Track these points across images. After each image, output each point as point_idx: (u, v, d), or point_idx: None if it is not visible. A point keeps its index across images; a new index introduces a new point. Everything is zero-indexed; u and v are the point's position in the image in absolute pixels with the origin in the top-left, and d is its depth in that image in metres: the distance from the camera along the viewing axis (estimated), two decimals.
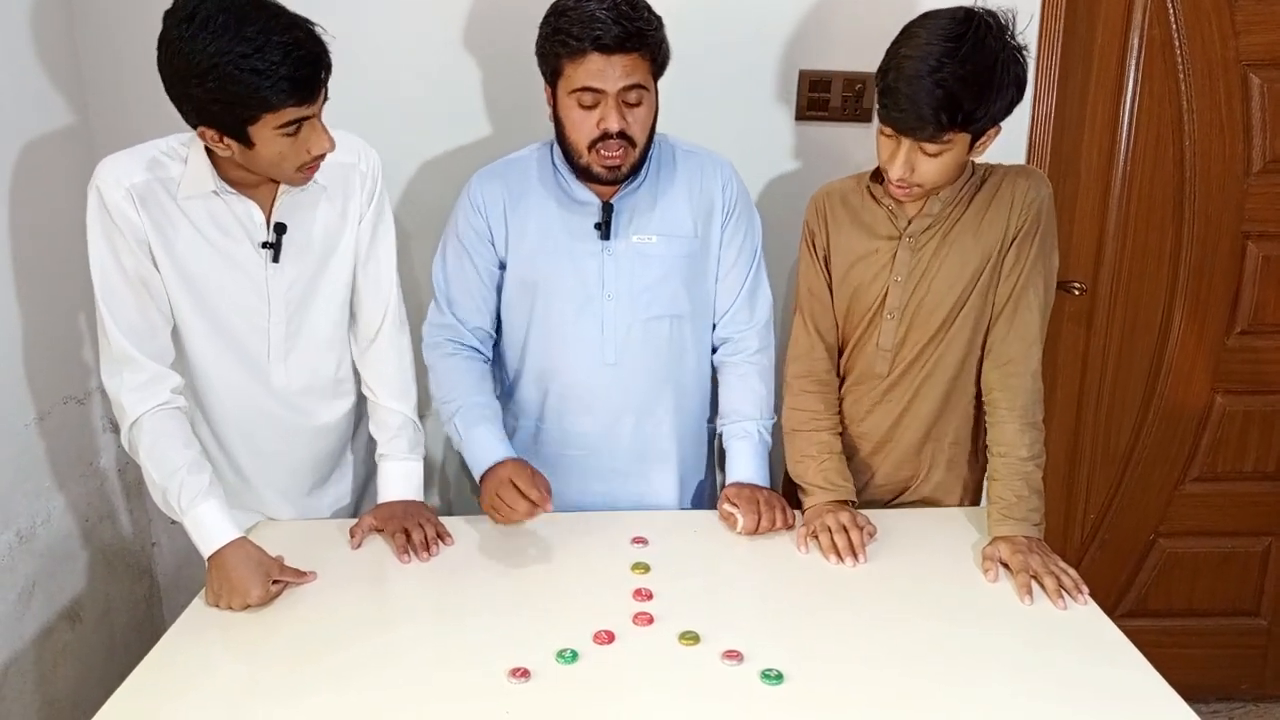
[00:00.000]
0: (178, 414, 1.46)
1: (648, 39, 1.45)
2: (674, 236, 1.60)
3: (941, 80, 1.33)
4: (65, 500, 1.82)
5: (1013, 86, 1.38)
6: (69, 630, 1.83)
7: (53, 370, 1.79)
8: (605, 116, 1.46)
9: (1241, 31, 1.99)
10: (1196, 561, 2.35)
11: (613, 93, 1.45)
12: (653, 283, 1.61)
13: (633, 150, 1.50)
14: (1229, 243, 2.13)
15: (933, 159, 1.41)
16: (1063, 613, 1.34)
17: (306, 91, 1.28)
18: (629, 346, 1.62)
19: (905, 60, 1.36)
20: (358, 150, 1.53)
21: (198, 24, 1.22)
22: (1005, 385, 1.54)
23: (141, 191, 1.39)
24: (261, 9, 1.25)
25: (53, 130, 1.80)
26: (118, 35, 1.87)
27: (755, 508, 1.54)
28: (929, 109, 1.34)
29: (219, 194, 1.42)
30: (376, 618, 1.36)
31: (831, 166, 1.99)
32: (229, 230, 1.45)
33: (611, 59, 1.43)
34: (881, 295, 1.57)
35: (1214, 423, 2.25)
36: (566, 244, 1.59)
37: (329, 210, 1.51)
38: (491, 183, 1.62)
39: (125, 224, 1.39)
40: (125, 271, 1.41)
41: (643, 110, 1.49)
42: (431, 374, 1.66)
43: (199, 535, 1.40)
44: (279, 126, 1.29)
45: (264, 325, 1.51)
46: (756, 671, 1.20)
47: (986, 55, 1.34)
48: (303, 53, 1.26)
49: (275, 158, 1.34)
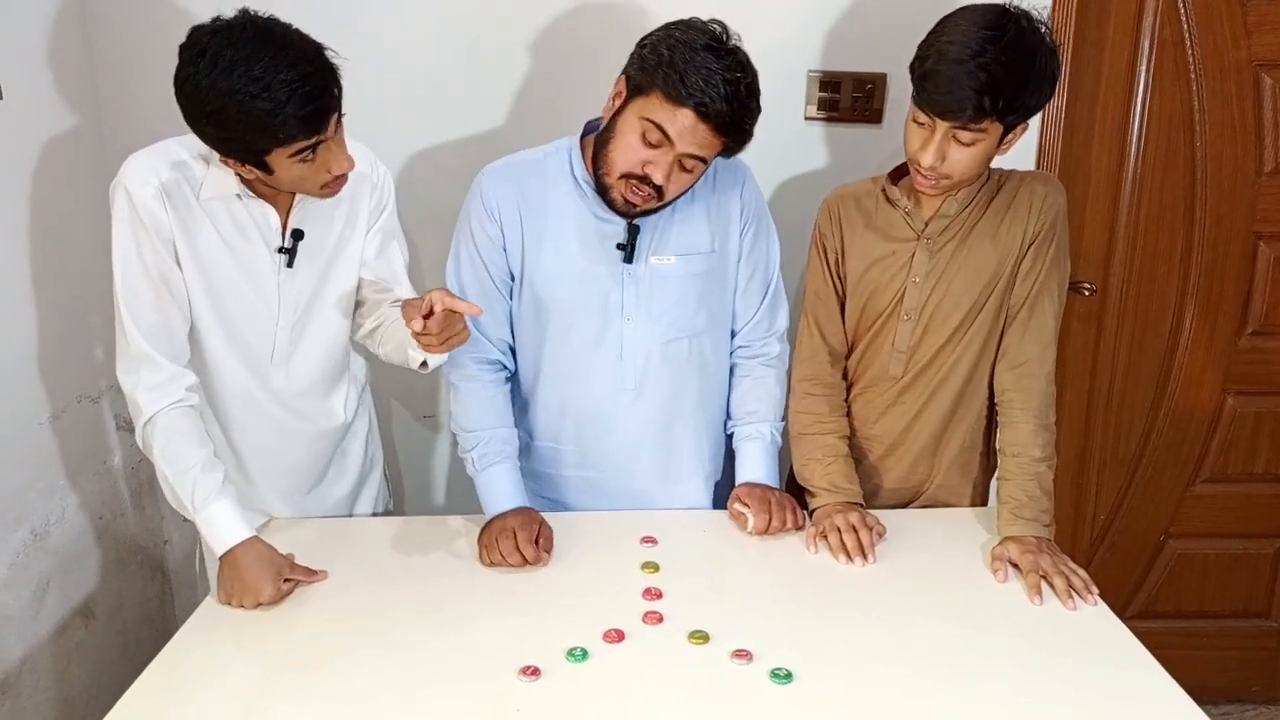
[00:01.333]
0: (192, 412, 1.47)
1: (742, 131, 1.41)
2: (691, 255, 1.56)
3: (985, 64, 1.34)
4: (79, 498, 1.84)
5: (1049, 82, 1.40)
6: (83, 627, 1.84)
7: (66, 369, 1.80)
8: (657, 165, 1.40)
9: (1253, 32, 1.99)
10: (1207, 563, 2.34)
11: (679, 150, 1.39)
12: (670, 305, 1.57)
13: (658, 201, 1.46)
14: (1240, 243, 2.12)
15: (965, 148, 1.42)
16: (1072, 613, 1.34)
17: (314, 125, 1.29)
18: (648, 371, 1.59)
19: (948, 45, 1.37)
20: (370, 160, 1.55)
21: (207, 61, 1.23)
22: (1020, 386, 1.54)
23: (169, 188, 1.40)
24: (268, 43, 1.25)
25: (66, 132, 1.81)
26: (131, 38, 1.88)
27: (766, 508, 1.54)
28: (971, 90, 1.35)
29: (240, 197, 1.43)
30: (387, 616, 1.37)
31: (841, 167, 2.00)
32: (247, 233, 1.46)
33: (699, 127, 1.37)
34: (898, 296, 1.57)
35: (1225, 424, 2.24)
36: (586, 265, 1.53)
37: (341, 217, 1.53)
38: (505, 185, 1.53)
39: (152, 221, 1.39)
40: (149, 270, 1.42)
41: (692, 176, 1.45)
42: (453, 394, 1.61)
43: (212, 534, 1.41)
44: (293, 155, 1.31)
45: (271, 329, 1.52)
46: (766, 671, 1.20)
47: (1027, 45, 1.37)
48: (309, 89, 1.25)
49: (296, 181, 1.37)
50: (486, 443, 1.57)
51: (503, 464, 1.57)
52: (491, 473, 1.56)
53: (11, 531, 1.66)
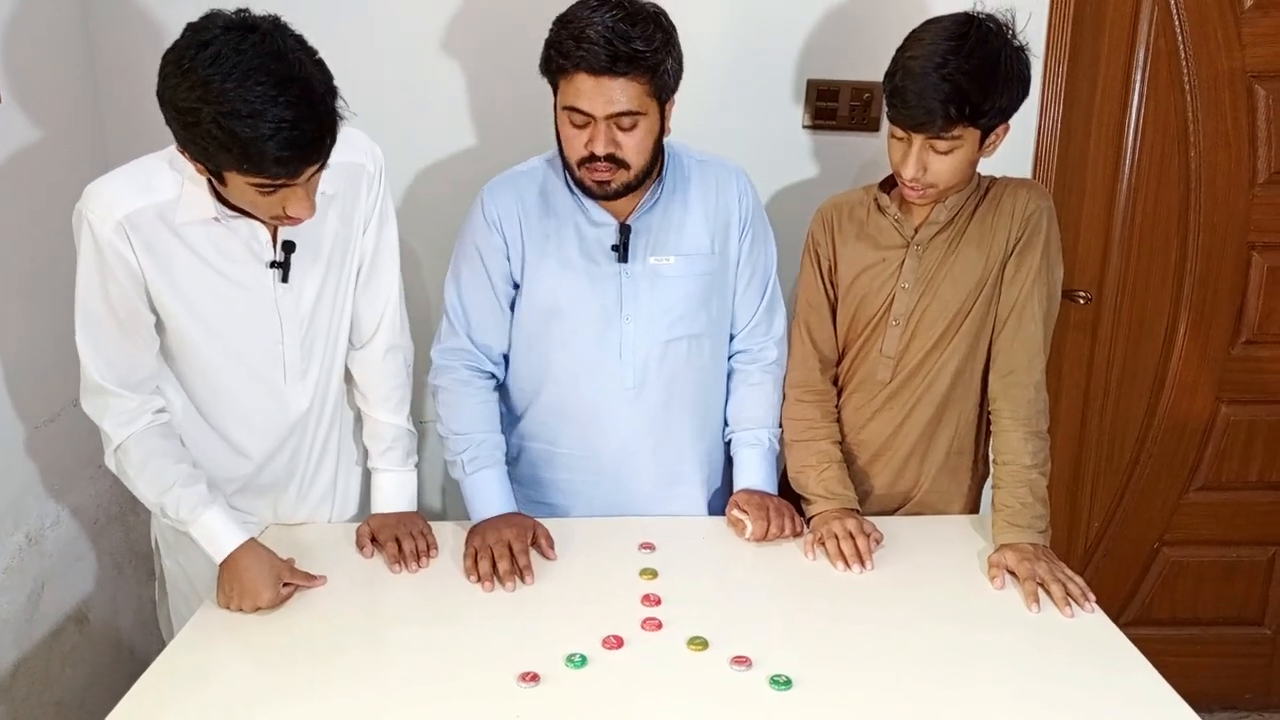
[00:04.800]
0: (164, 430, 1.43)
1: (641, 62, 1.37)
2: (692, 255, 1.57)
3: (948, 75, 1.38)
4: (74, 503, 1.83)
5: (1017, 81, 1.43)
6: (77, 632, 1.84)
7: (61, 373, 1.78)
8: (594, 139, 1.41)
9: (1248, 43, 2.00)
10: (1201, 570, 2.35)
11: (600, 117, 1.39)
12: (671, 305, 1.57)
13: (625, 171, 1.45)
14: (1234, 253, 2.13)
15: (944, 156, 1.44)
16: (1070, 620, 1.34)
17: (288, 171, 1.19)
18: (648, 370, 1.59)
19: (911, 60, 1.41)
20: (363, 149, 1.46)
21: (207, 56, 1.13)
22: (1008, 395, 1.55)
23: (134, 221, 1.30)
24: (277, 68, 1.14)
25: (66, 134, 1.81)
26: (132, 41, 1.88)
27: (765, 514, 1.54)
28: (937, 103, 1.38)
29: (219, 219, 1.34)
30: (386, 621, 1.37)
31: (839, 175, 2.01)
32: (232, 254, 1.38)
33: (601, 82, 1.37)
34: (887, 302, 1.58)
35: (1218, 432, 2.25)
36: (584, 267, 1.55)
37: (337, 218, 1.45)
38: (504, 197, 1.56)
39: (116, 259, 1.31)
40: (114, 307, 1.34)
41: (638, 133, 1.43)
42: (441, 395, 1.61)
43: (208, 542, 1.40)
44: (253, 183, 1.21)
45: (278, 348, 1.46)
46: (765, 677, 1.21)
47: (990, 51, 1.40)
48: (297, 134, 1.15)
49: (246, 203, 1.28)
50: (478, 445, 1.58)
51: (494, 468, 1.58)
52: (482, 476, 1.56)
53: (7, 536, 1.65)
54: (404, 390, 1.62)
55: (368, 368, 1.59)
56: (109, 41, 1.89)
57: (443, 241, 1.72)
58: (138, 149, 1.41)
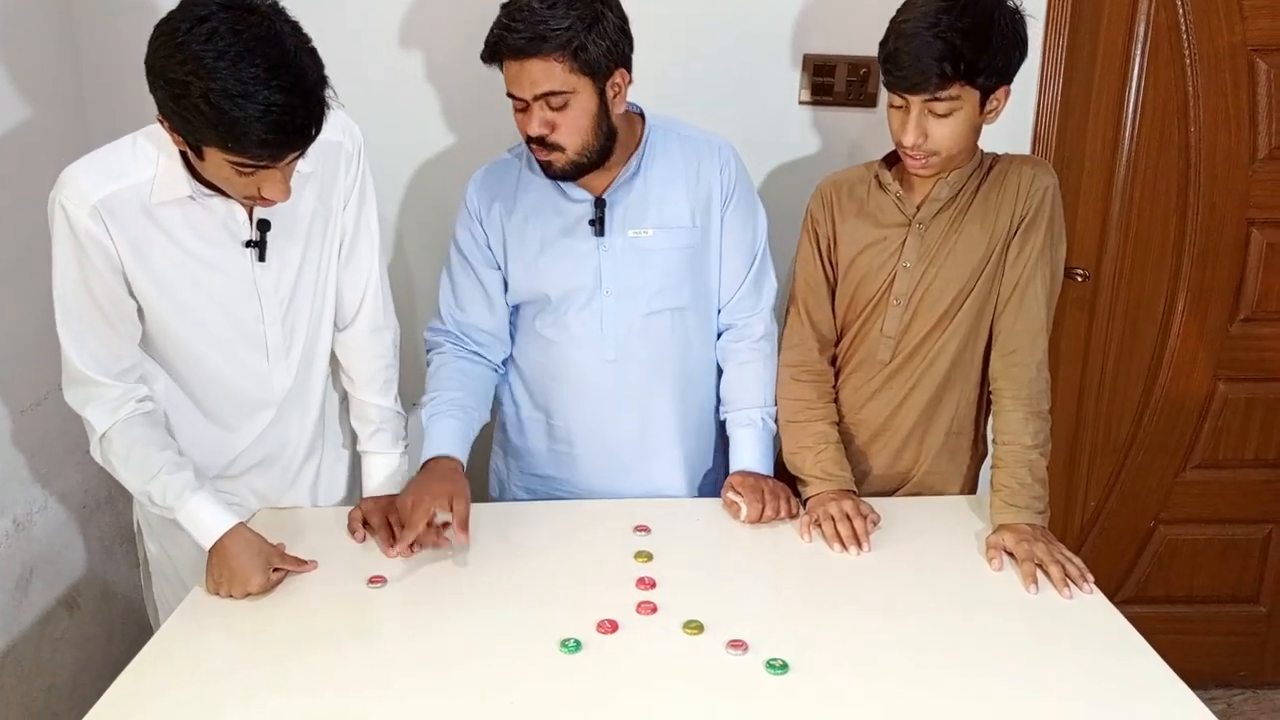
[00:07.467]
0: (148, 418, 1.41)
1: (553, 40, 1.36)
2: (672, 229, 1.57)
3: (940, 33, 1.38)
4: (61, 488, 1.82)
5: (1014, 40, 1.43)
6: (67, 617, 1.82)
7: (45, 357, 1.75)
8: (528, 120, 1.43)
9: (1249, 17, 1.98)
10: (1197, 548, 2.35)
11: (529, 99, 1.41)
12: (652, 278, 1.58)
13: (561, 153, 1.45)
14: (1233, 230, 2.12)
15: (944, 120, 1.43)
16: (1068, 601, 1.33)
17: (270, 154, 1.19)
18: (629, 342, 1.60)
19: (904, 24, 1.43)
20: (341, 127, 1.44)
21: (203, 32, 1.12)
22: (1009, 375, 1.54)
23: (109, 205, 1.28)
24: (272, 52, 1.14)
25: (49, 126, 1.79)
26: (116, 30, 1.85)
27: (760, 496, 1.53)
28: (931, 60, 1.38)
29: (195, 198, 1.32)
30: (378, 606, 1.35)
31: (836, 151, 1.99)
32: (208, 235, 1.36)
33: (523, 65, 1.38)
34: (888, 281, 1.57)
35: (1215, 410, 2.24)
36: (564, 244, 1.57)
37: (314, 196, 1.43)
38: (484, 189, 1.61)
39: (94, 247, 1.29)
40: (95, 297, 1.33)
41: (570, 113, 1.42)
42: (429, 370, 1.64)
43: (195, 528, 1.38)
44: (233, 162, 1.20)
45: (259, 329, 1.45)
46: (761, 661, 1.20)
47: (983, 9, 1.40)
48: (285, 119, 1.15)
49: (222, 180, 1.27)
50: (438, 401, 1.58)
51: (452, 419, 1.56)
52: (432, 422, 1.56)
53: None
54: (391, 372, 1.61)
55: (352, 349, 1.58)
56: (92, 25, 1.86)
57: (429, 225, 1.71)
58: (122, 134, 1.37)
